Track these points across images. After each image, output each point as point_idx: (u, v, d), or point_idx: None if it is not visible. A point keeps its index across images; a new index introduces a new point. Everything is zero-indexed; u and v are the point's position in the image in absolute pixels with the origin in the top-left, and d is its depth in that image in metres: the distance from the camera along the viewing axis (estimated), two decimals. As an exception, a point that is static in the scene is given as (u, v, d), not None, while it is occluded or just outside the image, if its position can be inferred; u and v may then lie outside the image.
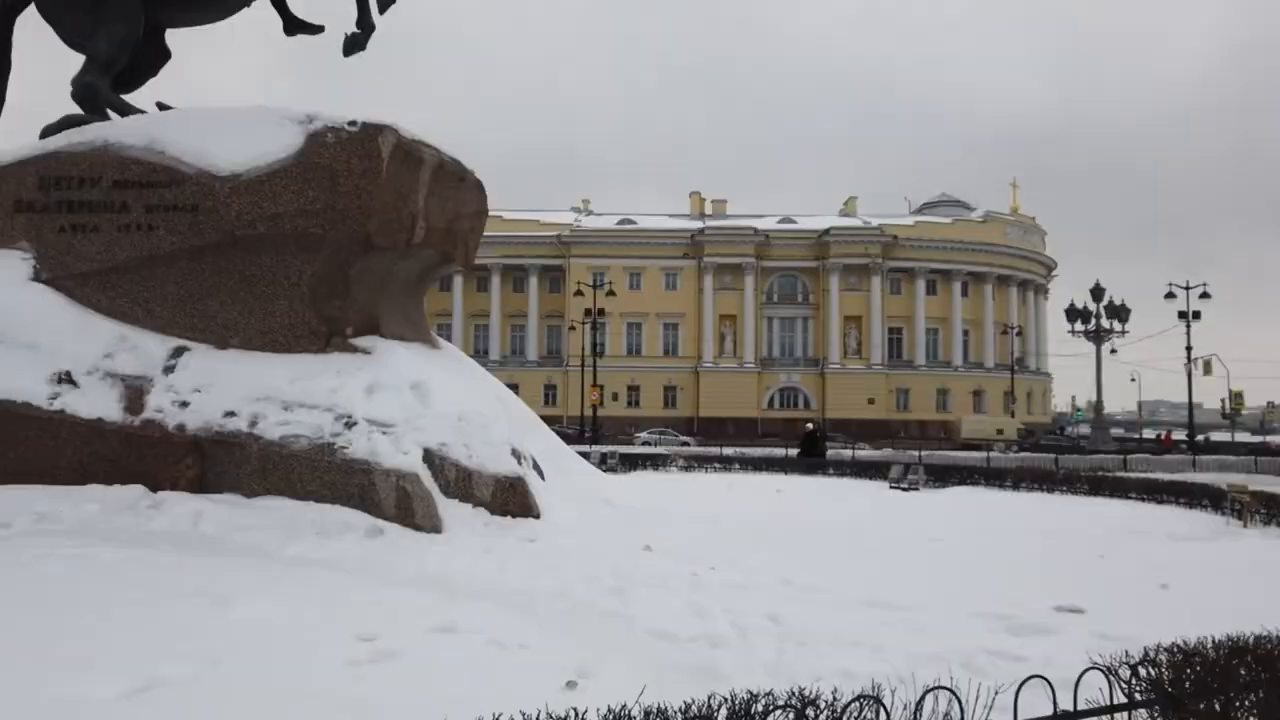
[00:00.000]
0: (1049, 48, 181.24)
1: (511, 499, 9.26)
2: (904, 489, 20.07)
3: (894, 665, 4.67)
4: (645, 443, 49.64)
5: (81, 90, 10.93)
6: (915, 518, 13.73)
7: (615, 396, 71.07)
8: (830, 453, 32.66)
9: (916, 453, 35.25)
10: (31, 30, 11.68)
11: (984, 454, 36.58)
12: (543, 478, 10.64)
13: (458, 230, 11.43)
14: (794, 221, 77.98)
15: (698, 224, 76.65)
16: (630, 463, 24.95)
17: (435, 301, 67.43)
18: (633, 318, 74.09)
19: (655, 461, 25.83)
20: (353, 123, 9.65)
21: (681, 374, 74.37)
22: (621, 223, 77.68)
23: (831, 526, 12.05)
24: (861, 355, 74.12)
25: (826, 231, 74.00)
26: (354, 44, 11.29)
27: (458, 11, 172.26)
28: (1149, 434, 73.51)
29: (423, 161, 10.31)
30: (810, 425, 36.25)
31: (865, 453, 37.69)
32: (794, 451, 32.82)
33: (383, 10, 11.09)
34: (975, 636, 5.87)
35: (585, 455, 19.22)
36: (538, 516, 9.31)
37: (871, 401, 72.02)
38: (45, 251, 9.81)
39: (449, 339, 19.49)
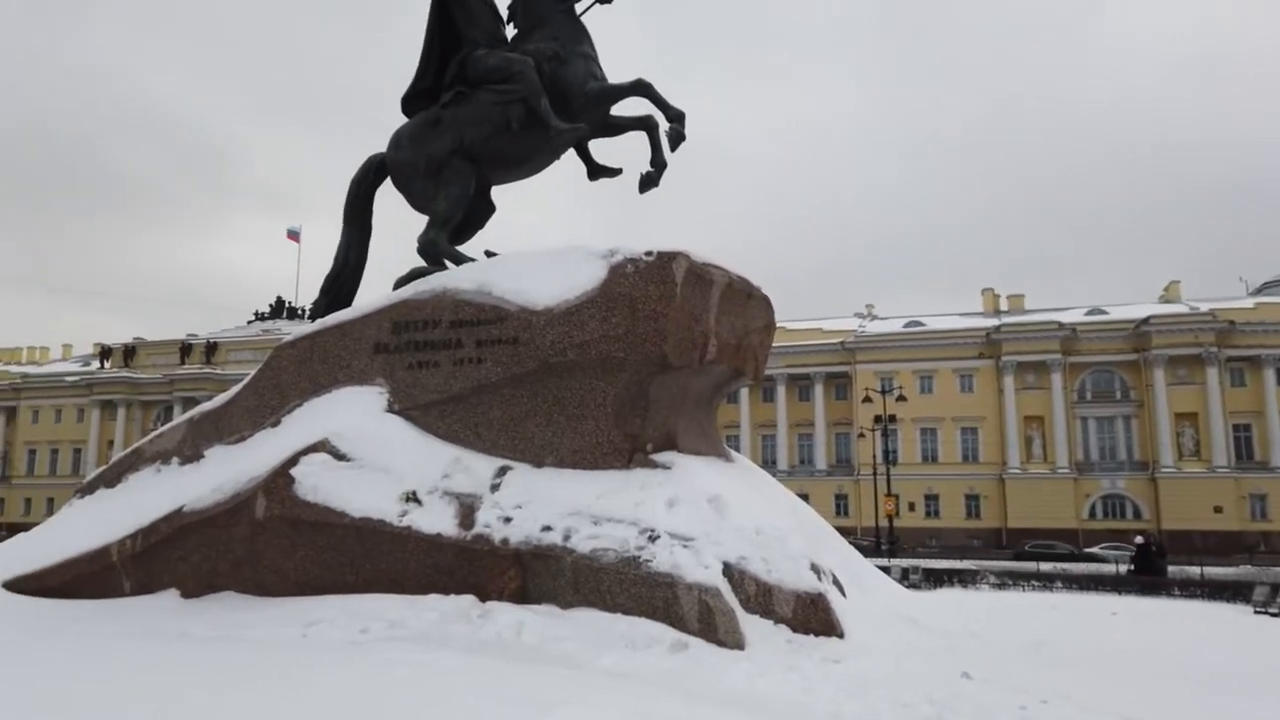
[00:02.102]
0: None
1: (813, 616, 9.04)
2: (1273, 614, 17.14)
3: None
4: None
5: (424, 246, 12.73)
6: (1293, 650, 11.62)
7: (911, 506, 67.61)
8: (1172, 569, 28.74)
9: (1285, 570, 30.14)
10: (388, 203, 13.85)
11: (1379, 573, 30.43)
12: (843, 594, 10.31)
13: (747, 346, 11.73)
14: (1104, 312, 71.47)
15: (993, 321, 72.54)
16: (935, 578, 23.55)
17: (723, 414, 68.77)
18: (926, 423, 70.74)
19: (963, 577, 24.16)
20: (649, 253, 10.36)
21: (984, 481, 69.33)
22: (908, 325, 75.46)
23: (1182, 656, 10.51)
24: (1201, 457, 64.96)
25: (1145, 320, 66.94)
26: (649, 181, 12.20)
27: (734, 128, 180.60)
28: None
29: (712, 283, 10.80)
30: (1141, 538, 32.21)
31: (1217, 569, 32.68)
32: (1126, 568, 29.29)
33: (674, 148, 11.95)
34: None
35: (884, 569, 18.37)
36: (841, 636, 8.98)
37: (1218, 510, 62.51)
38: (397, 386, 11.31)
39: (737, 449, 19.74)
